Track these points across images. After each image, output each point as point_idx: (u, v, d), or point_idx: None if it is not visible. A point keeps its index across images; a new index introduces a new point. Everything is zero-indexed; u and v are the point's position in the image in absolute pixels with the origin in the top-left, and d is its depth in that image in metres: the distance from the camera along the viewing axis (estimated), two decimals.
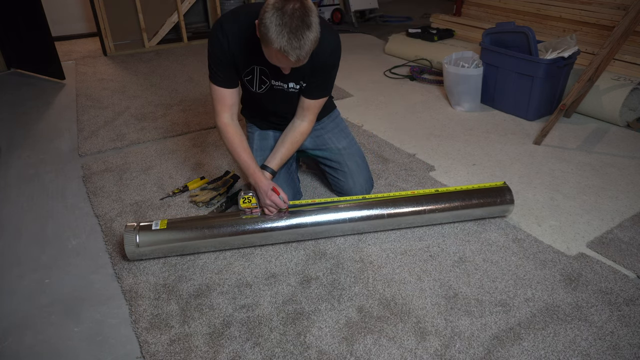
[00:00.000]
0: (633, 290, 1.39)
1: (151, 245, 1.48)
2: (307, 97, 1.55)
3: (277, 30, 1.18)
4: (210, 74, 1.50)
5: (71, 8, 4.37)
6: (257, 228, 1.52)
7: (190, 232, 1.50)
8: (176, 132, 2.47)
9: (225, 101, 1.52)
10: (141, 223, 1.50)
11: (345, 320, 1.30)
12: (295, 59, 1.23)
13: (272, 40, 1.20)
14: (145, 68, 3.57)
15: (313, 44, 1.24)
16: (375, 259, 1.53)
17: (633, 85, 2.35)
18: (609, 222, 1.70)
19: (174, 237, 1.49)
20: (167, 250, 1.51)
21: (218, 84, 1.49)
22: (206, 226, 1.51)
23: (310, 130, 1.63)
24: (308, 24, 1.20)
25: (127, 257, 1.49)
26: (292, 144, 1.61)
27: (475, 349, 1.21)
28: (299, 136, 1.61)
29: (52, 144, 2.39)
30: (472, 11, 3.94)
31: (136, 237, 1.46)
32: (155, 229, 1.48)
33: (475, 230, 1.67)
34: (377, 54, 3.82)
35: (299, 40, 1.20)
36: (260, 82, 1.53)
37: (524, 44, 2.43)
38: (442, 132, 2.44)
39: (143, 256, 1.50)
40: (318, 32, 1.24)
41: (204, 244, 1.52)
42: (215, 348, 1.23)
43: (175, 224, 1.51)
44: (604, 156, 2.16)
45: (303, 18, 1.19)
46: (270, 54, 1.28)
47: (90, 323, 1.33)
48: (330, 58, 1.48)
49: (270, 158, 1.60)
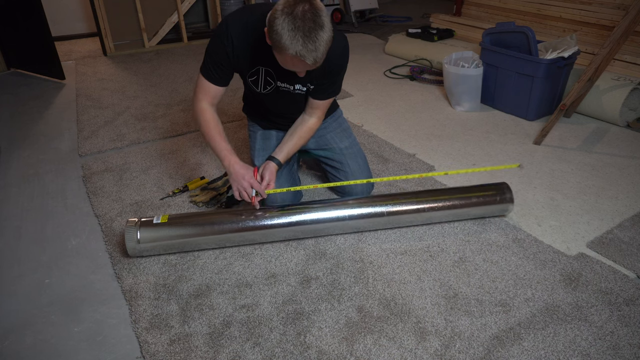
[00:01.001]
0: (633, 290, 1.39)
1: (152, 241, 1.48)
2: (315, 99, 1.55)
3: (291, 36, 1.16)
4: (203, 66, 1.48)
5: (71, 8, 4.37)
6: (259, 225, 1.52)
7: (191, 228, 1.50)
8: (176, 132, 2.47)
9: (208, 92, 1.51)
10: (142, 219, 1.50)
11: (345, 320, 1.30)
12: (312, 62, 1.21)
13: (287, 46, 1.17)
14: (145, 68, 3.57)
15: (328, 44, 1.21)
16: (375, 259, 1.53)
17: (633, 85, 2.35)
18: (609, 222, 1.70)
19: (175, 233, 1.49)
20: (168, 247, 1.51)
21: (208, 78, 1.48)
22: (208, 222, 1.52)
23: (318, 126, 1.63)
24: (321, 25, 1.18)
25: (129, 253, 1.49)
26: (300, 138, 1.60)
27: (475, 349, 1.21)
28: (307, 131, 1.61)
29: (52, 144, 2.39)
30: (472, 11, 3.94)
31: (137, 233, 1.46)
32: (156, 223, 1.48)
33: (475, 230, 1.67)
34: (377, 54, 3.82)
35: (314, 43, 1.17)
36: (266, 83, 1.52)
37: (524, 44, 2.43)
38: (442, 132, 2.44)
39: (144, 252, 1.50)
40: (331, 31, 1.21)
41: (205, 241, 1.52)
42: (215, 348, 1.23)
43: (176, 219, 1.51)
44: (604, 156, 2.16)
45: (315, 19, 1.17)
46: (284, 60, 1.26)
47: (90, 323, 1.33)
48: (339, 60, 1.47)
49: (278, 150, 1.59)
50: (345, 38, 1.49)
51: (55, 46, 3.18)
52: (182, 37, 4.14)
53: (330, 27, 1.21)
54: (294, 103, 1.59)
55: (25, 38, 3.23)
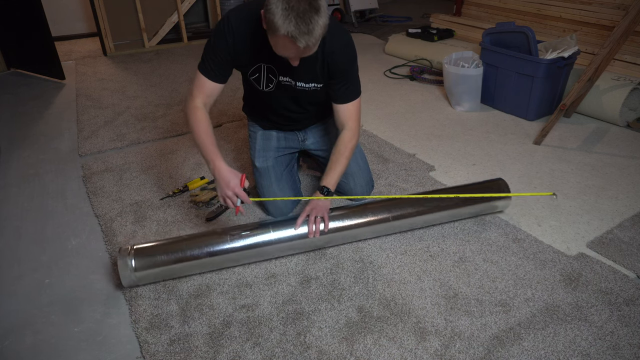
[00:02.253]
0: (633, 290, 1.38)
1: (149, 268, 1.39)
2: (340, 103, 1.49)
3: (284, 15, 1.13)
4: (201, 62, 1.45)
5: (71, 8, 4.37)
6: (252, 244, 1.45)
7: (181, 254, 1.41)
8: (176, 132, 2.47)
9: (204, 89, 1.46)
10: (135, 246, 1.40)
11: (345, 320, 1.30)
12: (304, 45, 1.17)
13: (279, 26, 1.14)
14: (145, 68, 3.57)
15: (322, 30, 1.18)
16: (375, 259, 1.53)
17: (633, 85, 2.35)
18: (609, 222, 1.70)
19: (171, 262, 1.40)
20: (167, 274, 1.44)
21: (205, 74, 1.45)
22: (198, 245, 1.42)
23: (355, 137, 1.54)
24: (316, 8, 1.14)
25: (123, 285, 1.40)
26: (341, 156, 1.51)
27: (475, 349, 1.21)
28: (345, 147, 1.52)
29: (52, 144, 2.39)
30: (472, 11, 3.94)
31: (132, 261, 1.37)
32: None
33: (475, 230, 1.67)
34: (377, 54, 3.82)
35: (307, 25, 1.14)
36: (268, 80, 1.50)
37: (524, 44, 2.43)
38: (442, 132, 2.44)
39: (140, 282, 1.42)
40: (327, 18, 1.18)
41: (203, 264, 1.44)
42: (215, 348, 1.23)
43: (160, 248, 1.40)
44: (604, 156, 2.16)
45: (311, 2, 1.14)
46: (276, 42, 1.22)
47: (90, 323, 1.33)
48: (343, 55, 1.42)
49: (326, 176, 1.50)
50: (348, 32, 1.45)
51: (55, 46, 3.18)
52: (182, 37, 4.14)
53: (326, 13, 1.17)
54: (296, 101, 1.56)
55: (25, 38, 3.23)
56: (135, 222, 1.73)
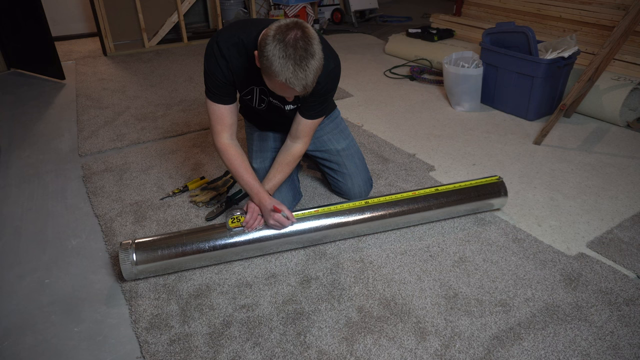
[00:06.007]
0: (633, 290, 1.39)
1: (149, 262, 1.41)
2: (303, 116, 1.51)
3: (282, 63, 1.16)
4: (206, 90, 1.46)
5: (71, 8, 4.38)
6: (252, 239, 1.47)
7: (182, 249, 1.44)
8: (176, 132, 2.47)
9: (224, 120, 1.48)
10: (137, 240, 1.43)
11: (345, 320, 1.30)
12: (301, 89, 1.21)
13: (277, 73, 1.17)
14: (145, 68, 3.57)
15: (317, 72, 1.21)
16: (375, 259, 1.53)
17: (633, 85, 2.35)
18: (609, 222, 1.70)
19: (169, 257, 1.43)
20: (166, 268, 1.45)
21: (215, 101, 1.45)
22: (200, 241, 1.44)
23: (304, 151, 1.59)
24: (312, 53, 1.18)
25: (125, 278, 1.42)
26: (287, 166, 1.57)
27: (475, 349, 1.21)
28: (293, 158, 1.57)
29: (52, 144, 2.39)
30: (472, 11, 3.94)
31: (133, 255, 1.39)
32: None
33: (475, 230, 1.67)
34: (377, 54, 3.82)
35: (304, 71, 1.17)
36: (260, 100, 1.53)
37: (524, 44, 2.43)
38: (442, 132, 2.44)
39: (140, 275, 1.44)
40: (322, 59, 1.21)
41: (202, 259, 1.47)
42: (215, 348, 1.23)
43: (160, 242, 1.43)
44: (604, 156, 2.16)
45: (306, 48, 1.16)
46: (274, 85, 1.26)
47: (90, 323, 1.33)
48: (327, 83, 1.44)
49: (266, 181, 1.55)
50: (337, 59, 1.45)
51: (55, 46, 3.18)
52: (182, 37, 4.14)
53: (321, 55, 1.21)
54: (287, 117, 1.58)
55: (25, 38, 3.23)
56: (135, 222, 1.73)
